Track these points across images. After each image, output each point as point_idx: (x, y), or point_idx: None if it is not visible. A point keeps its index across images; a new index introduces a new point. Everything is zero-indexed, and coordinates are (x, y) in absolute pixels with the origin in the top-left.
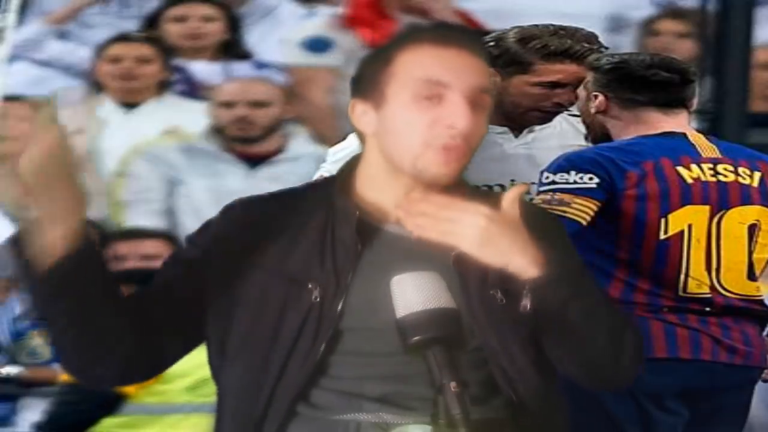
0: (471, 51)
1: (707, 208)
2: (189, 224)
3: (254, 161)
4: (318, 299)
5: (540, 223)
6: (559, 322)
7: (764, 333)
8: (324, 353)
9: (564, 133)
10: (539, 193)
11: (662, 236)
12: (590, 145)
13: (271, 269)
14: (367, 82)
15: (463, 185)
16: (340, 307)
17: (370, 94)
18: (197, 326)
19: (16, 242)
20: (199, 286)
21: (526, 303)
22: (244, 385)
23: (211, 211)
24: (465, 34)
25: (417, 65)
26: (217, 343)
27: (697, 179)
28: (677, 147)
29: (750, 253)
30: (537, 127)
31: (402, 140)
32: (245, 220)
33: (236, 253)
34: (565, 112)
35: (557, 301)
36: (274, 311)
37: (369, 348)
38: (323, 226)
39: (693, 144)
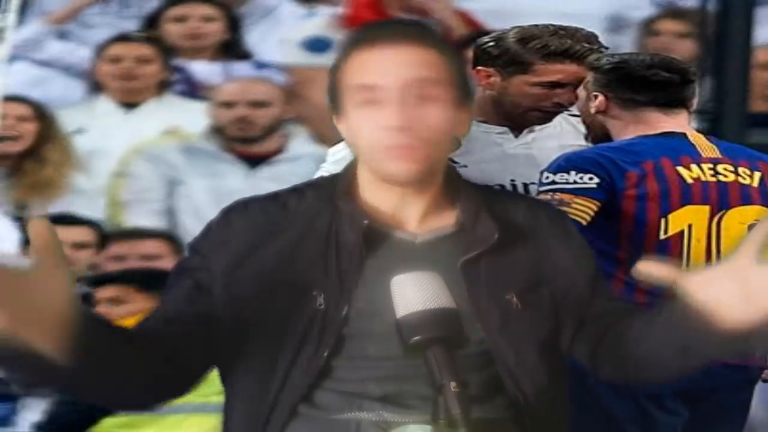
0: (407, 43)
1: (707, 208)
2: (189, 224)
3: (254, 161)
4: (322, 306)
5: (560, 224)
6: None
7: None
8: (327, 358)
9: (564, 133)
10: (539, 193)
11: (662, 236)
12: (590, 145)
13: (274, 275)
14: (332, 96)
15: (458, 181)
16: (344, 314)
17: (337, 108)
18: (218, 337)
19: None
20: (209, 296)
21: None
22: (250, 391)
23: (211, 211)
24: (401, 27)
25: (351, 73)
26: (226, 351)
27: (697, 179)
28: (677, 147)
29: None
30: (537, 127)
31: (360, 149)
32: (246, 224)
33: (239, 258)
34: (565, 112)
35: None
36: (278, 317)
37: (372, 351)
38: (326, 230)
39: (693, 144)
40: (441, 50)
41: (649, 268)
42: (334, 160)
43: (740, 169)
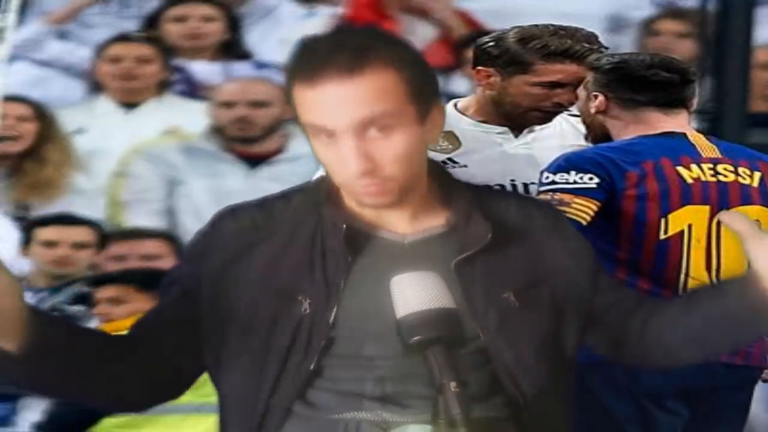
0: (353, 74)
1: (707, 208)
2: (189, 224)
3: (254, 161)
4: (308, 311)
5: (553, 221)
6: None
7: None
8: (319, 360)
9: (564, 133)
10: (539, 193)
11: (662, 236)
12: (590, 145)
13: (260, 281)
14: (294, 110)
15: (448, 181)
16: (332, 317)
17: (300, 123)
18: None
19: None
20: (196, 302)
21: None
22: (242, 395)
23: (211, 211)
24: (344, 51)
25: (300, 109)
26: (213, 354)
27: (697, 179)
28: (677, 147)
29: None
30: (537, 127)
31: (330, 174)
32: (233, 231)
33: (225, 264)
34: (565, 112)
35: None
36: (265, 323)
37: (367, 351)
38: (312, 235)
39: (693, 144)
40: (394, 65)
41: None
42: None
43: (740, 169)
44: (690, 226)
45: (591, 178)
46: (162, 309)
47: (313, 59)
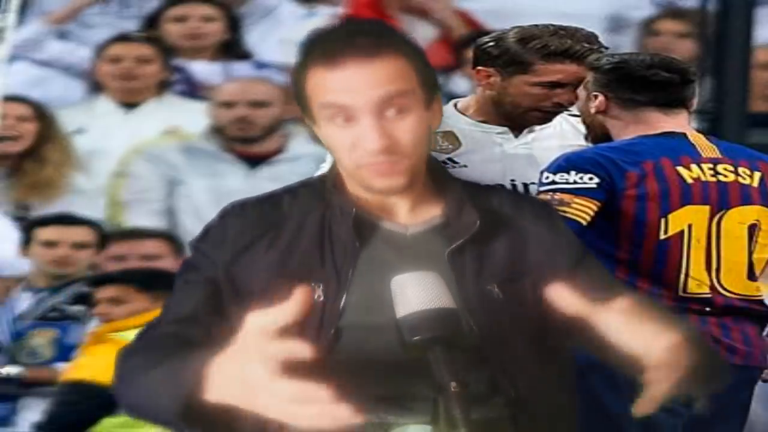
0: (370, 56)
1: (707, 208)
2: (189, 224)
3: (254, 161)
4: (321, 298)
5: (544, 216)
6: None
7: (764, 333)
8: (326, 352)
9: (564, 133)
10: (539, 193)
11: (662, 236)
12: (590, 145)
13: (272, 270)
14: (300, 100)
15: (442, 173)
16: (341, 305)
17: (306, 113)
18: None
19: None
20: (219, 289)
21: None
22: None
23: (211, 211)
24: (359, 37)
25: (317, 90)
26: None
27: (697, 179)
28: (677, 147)
29: (750, 253)
30: (537, 127)
31: (338, 160)
32: (242, 223)
33: (236, 256)
34: (565, 112)
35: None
36: None
37: (369, 346)
38: (320, 224)
39: (693, 144)
40: (404, 53)
41: (561, 299)
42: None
43: (740, 169)
44: (690, 226)
45: (591, 178)
46: (190, 299)
47: (333, 43)
